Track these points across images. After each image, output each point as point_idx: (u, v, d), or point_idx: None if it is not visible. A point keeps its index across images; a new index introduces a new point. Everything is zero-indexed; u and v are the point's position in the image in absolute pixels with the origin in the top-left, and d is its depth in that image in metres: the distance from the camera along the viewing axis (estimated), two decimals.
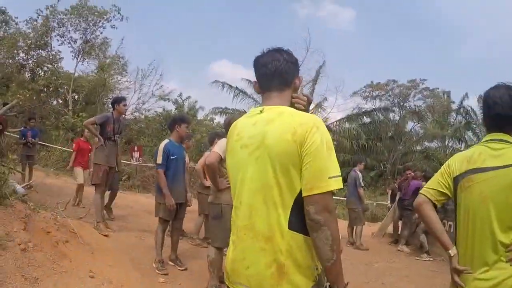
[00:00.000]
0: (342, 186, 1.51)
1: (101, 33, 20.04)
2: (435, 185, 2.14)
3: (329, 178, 1.49)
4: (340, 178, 1.53)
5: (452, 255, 2.05)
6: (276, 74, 1.74)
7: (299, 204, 1.53)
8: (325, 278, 1.56)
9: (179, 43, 43.32)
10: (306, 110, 1.82)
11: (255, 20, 44.47)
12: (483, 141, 2.09)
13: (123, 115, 6.88)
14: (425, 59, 41.56)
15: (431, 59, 42.01)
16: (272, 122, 1.61)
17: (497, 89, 2.06)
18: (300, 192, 1.52)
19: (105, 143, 6.32)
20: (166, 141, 5.32)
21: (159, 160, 5.13)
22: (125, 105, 6.59)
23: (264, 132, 1.61)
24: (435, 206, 2.13)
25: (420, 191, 2.20)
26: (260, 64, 1.77)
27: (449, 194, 2.10)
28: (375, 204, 17.05)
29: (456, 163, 2.10)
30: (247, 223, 1.62)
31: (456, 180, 2.07)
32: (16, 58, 19.43)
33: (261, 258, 1.57)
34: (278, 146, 1.56)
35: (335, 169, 1.52)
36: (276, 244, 1.55)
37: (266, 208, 1.57)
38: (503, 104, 2.01)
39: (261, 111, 1.71)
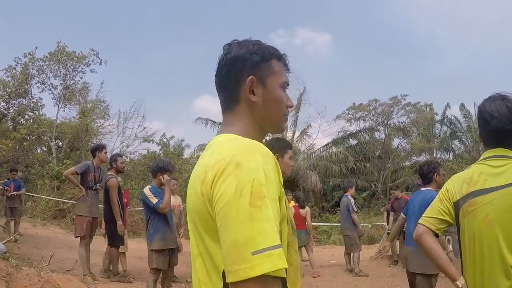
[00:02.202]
0: (285, 266, 0.89)
1: (81, 78, 20.04)
2: (434, 213, 1.96)
3: (253, 254, 0.87)
4: (278, 250, 0.89)
5: (460, 286, 1.86)
6: (218, 85, 1.24)
7: None
8: None
9: (160, 82, 43.52)
10: None
11: None
12: (482, 159, 1.93)
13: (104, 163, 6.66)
14: (404, 74, 42.31)
15: (409, 74, 42.74)
16: (197, 164, 1.14)
17: (493, 101, 1.89)
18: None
19: (86, 193, 6.12)
20: (148, 186, 5.20)
21: (154, 200, 4.95)
22: (106, 153, 6.45)
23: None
24: (436, 235, 1.95)
25: (419, 221, 2.01)
26: None
27: (450, 220, 1.93)
28: (370, 225, 16.86)
29: (455, 186, 1.93)
30: None
31: (457, 205, 1.90)
32: None
33: None
34: (190, 201, 1.10)
35: (266, 237, 0.89)
36: None
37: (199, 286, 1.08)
38: (501, 117, 1.84)
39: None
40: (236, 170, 0.96)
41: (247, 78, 1.16)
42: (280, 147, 3.08)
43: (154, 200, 4.93)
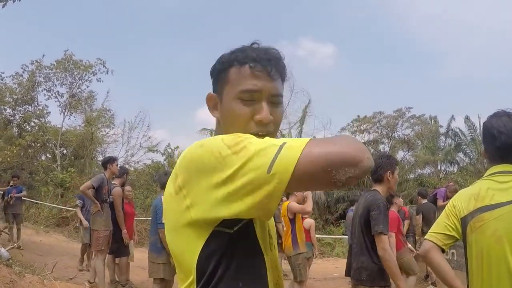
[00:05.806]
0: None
1: (87, 87, 20.19)
2: (441, 229, 1.95)
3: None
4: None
5: None
6: None
7: None
8: None
9: (165, 92, 43.64)
10: None
11: None
12: (488, 175, 1.92)
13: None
14: (408, 87, 42.16)
15: (414, 86, 42.60)
16: None
17: (499, 118, 1.91)
18: None
19: (101, 207, 5.95)
20: (163, 198, 5.07)
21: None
22: (117, 165, 6.36)
23: None
24: (443, 251, 1.95)
25: (426, 237, 2.01)
26: None
27: (457, 236, 1.92)
28: None
29: (462, 202, 1.92)
30: None
31: (464, 220, 1.89)
32: (3, 114, 19.39)
33: None
34: None
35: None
36: None
37: None
38: (508, 133, 1.86)
39: None
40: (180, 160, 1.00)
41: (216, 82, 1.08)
42: (391, 164, 3.15)
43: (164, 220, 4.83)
